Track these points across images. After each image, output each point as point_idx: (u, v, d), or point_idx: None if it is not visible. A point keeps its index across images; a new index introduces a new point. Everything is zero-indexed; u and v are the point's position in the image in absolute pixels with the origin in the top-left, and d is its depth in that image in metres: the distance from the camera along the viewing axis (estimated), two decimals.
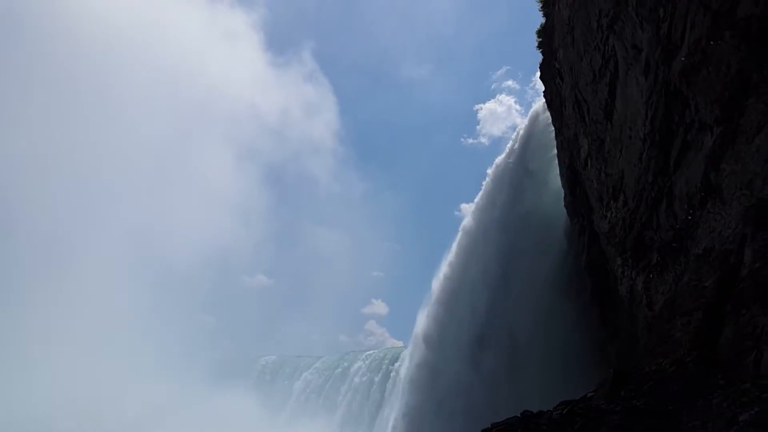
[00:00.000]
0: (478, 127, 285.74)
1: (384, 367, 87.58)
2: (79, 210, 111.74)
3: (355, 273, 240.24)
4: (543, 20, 35.77)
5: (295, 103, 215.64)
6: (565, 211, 36.60)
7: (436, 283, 52.11)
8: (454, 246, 51.66)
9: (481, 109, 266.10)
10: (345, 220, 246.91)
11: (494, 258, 42.99)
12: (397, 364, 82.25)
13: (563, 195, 36.62)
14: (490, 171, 50.97)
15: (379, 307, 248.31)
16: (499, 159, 50.22)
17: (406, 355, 75.15)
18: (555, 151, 38.42)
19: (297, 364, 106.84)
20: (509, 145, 49.52)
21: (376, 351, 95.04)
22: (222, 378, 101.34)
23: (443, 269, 51.73)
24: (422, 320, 53.17)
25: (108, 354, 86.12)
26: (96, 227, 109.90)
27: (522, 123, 51.02)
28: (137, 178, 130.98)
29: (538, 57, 37.84)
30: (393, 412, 69.14)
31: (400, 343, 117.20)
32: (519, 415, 14.01)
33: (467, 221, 52.05)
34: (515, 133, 50.18)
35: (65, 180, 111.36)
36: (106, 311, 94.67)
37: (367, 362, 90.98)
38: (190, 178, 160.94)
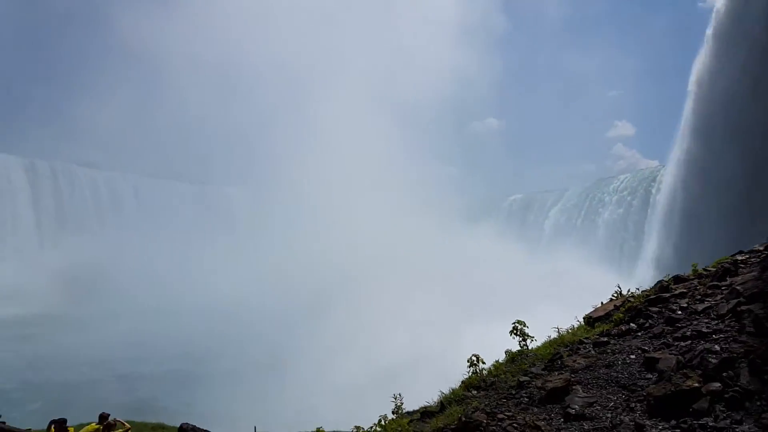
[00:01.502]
0: None
1: (641, 191, 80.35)
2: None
3: (590, 96, 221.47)
4: None
5: None
6: None
7: None
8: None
9: None
10: (574, 41, 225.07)
11: None
12: (654, 187, 74.70)
13: None
14: None
15: (624, 129, 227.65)
16: None
17: (665, 174, 67.39)
18: None
19: (545, 199, 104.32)
20: None
21: (629, 175, 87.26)
22: (471, 221, 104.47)
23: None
24: None
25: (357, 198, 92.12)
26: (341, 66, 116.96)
27: None
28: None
29: None
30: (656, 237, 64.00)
31: (655, 163, 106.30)
32: None
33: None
34: None
35: None
36: (354, 149, 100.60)
37: (620, 189, 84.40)
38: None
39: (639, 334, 9.10)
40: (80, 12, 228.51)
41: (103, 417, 13.48)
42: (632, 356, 8.33)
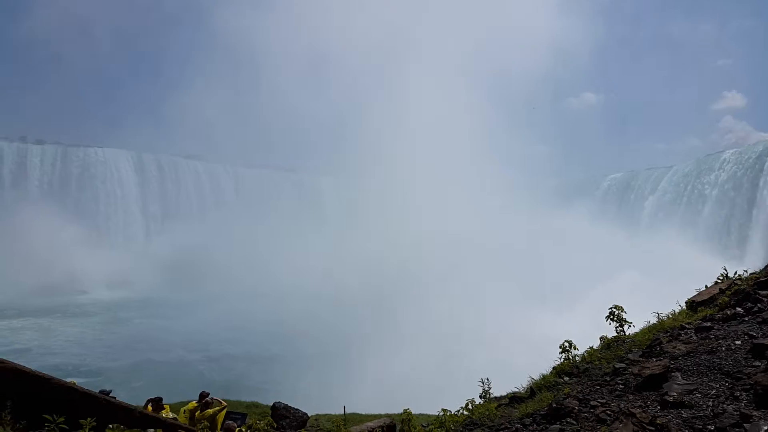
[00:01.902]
0: None
1: (752, 166, 74.97)
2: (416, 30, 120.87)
3: (696, 66, 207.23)
4: None
5: None
6: None
7: None
8: None
9: None
10: (683, 5, 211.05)
11: None
12: None
13: None
14: None
15: (734, 100, 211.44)
16: None
17: None
18: None
19: (646, 178, 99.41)
20: None
21: (738, 150, 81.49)
22: (564, 202, 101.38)
23: None
24: None
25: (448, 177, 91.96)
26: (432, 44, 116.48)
27: None
28: None
29: None
30: None
31: None
32: None
33: None
34: None
35: None
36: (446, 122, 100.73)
37: (728, 165, 79.04)
38: None
39: (746, 319, 8.57)
40: (180, 11, 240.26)
41: (202, 395, 14.31)
42: (738, 342, 7.85)
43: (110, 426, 5.99)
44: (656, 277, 50.69)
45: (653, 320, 10.58)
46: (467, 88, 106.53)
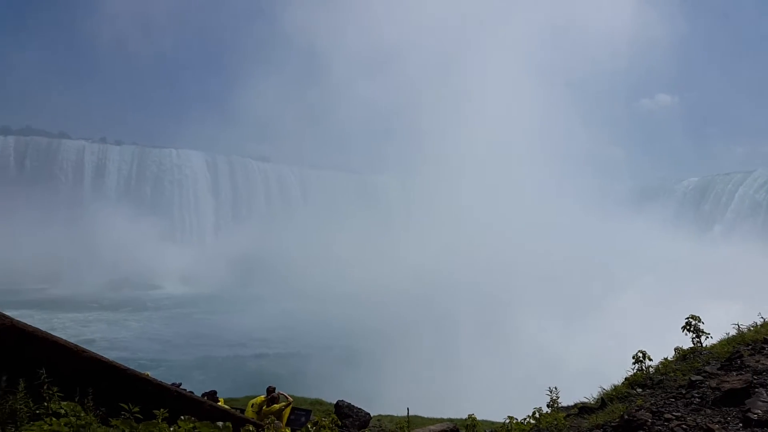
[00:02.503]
0: None
1: None
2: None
3: None
4: None
5: None
6: None
7: None
8: None
9: None
10: None
11: None
12: None
13: None
14: None
15: None
16: None
17: None
18: None
19: (725, 182, 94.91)
20: None
21: None
22: (636, 207, 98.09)
23: None
24: None
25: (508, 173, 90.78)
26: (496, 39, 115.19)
27: None
28: None
29: None
30: None
31: None
32: None
33: None
34: None
35: None
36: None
37: None
38: None
39: None
40: (248, 9, 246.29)
41: (269, 390, 14.62)
42: None
43: (181, 418, 6.19)
44: (735, 287, 48.34)
45: (732, 332, 10.09)
46: (535, 85, 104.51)
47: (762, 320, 10.58)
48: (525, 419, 8.19)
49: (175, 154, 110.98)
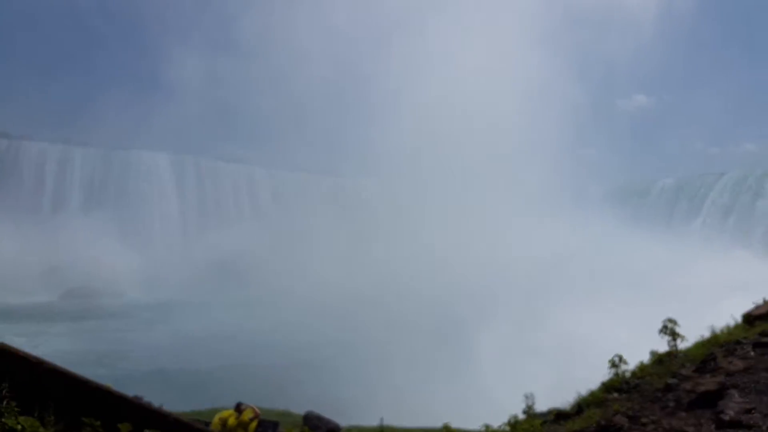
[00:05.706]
0: None
1: None
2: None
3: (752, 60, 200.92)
4: None
5: None
6: None
7: None
8: None
9: None
10: None
11: None
12: None
13: None
14: None
15: None
16: None
17: None
18: None
19: (698, 184, 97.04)
20: None
21: None
22: (608, 208, 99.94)
23: None
24: None
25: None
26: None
27: None
28: None
29: None
30: None
31: None
32: None
33: None
34: None
35: None
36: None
37: None
38: None
39: None
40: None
41: (238, 406, 14.48)
42: None
43: (145, 431, 6.12)
44: (709, 290, 49.36)
45: (707, 334, 10.33)
46: (505, 89, 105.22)
47: (734, 321, 10.87)
48: (501, 426, 8.25)
49: (138, 156, 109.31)
